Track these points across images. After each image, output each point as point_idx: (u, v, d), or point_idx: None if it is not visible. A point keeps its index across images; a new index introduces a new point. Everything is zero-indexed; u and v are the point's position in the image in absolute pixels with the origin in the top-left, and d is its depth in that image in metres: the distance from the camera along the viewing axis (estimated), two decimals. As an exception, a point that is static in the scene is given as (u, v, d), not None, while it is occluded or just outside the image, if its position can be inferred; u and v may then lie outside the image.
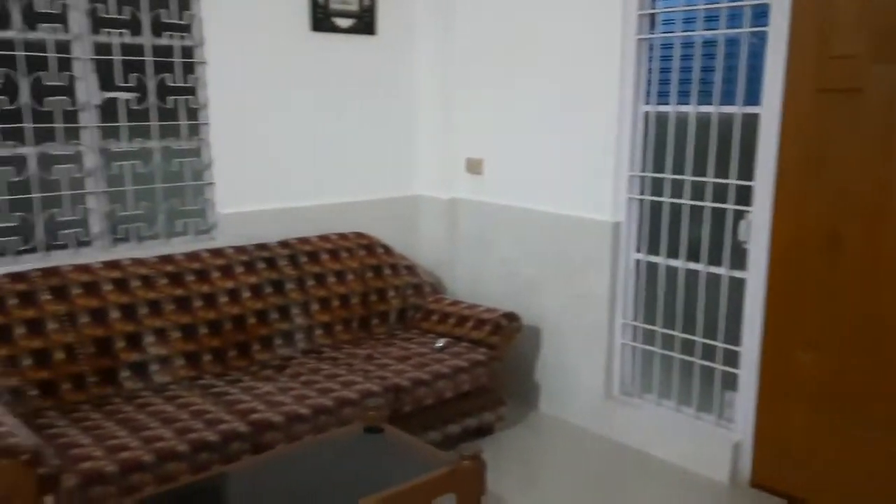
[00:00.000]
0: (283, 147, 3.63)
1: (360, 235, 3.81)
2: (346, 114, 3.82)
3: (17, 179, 2.92)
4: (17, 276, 2.81)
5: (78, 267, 2.94)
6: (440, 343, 3.43)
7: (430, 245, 4.13)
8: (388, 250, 3.84)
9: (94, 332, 2.84)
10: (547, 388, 3.75)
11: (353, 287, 3.61)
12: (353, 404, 2.87)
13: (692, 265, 3.19)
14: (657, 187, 3.28)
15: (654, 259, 3.34)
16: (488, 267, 3.94)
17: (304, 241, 3.61)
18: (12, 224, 2.93)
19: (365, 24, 3.78)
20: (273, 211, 3.61)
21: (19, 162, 2.93)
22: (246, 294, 3.28)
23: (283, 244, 3.54)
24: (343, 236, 3.75)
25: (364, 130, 3.90)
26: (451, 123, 4.00)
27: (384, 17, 3.85)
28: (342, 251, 3.67)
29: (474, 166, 3.94)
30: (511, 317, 3.47)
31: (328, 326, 3.50)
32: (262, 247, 3.46)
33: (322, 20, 3.63)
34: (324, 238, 3.68)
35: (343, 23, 3.71)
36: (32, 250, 3.00)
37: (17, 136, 2.91)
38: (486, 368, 3.34)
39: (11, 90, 2.88)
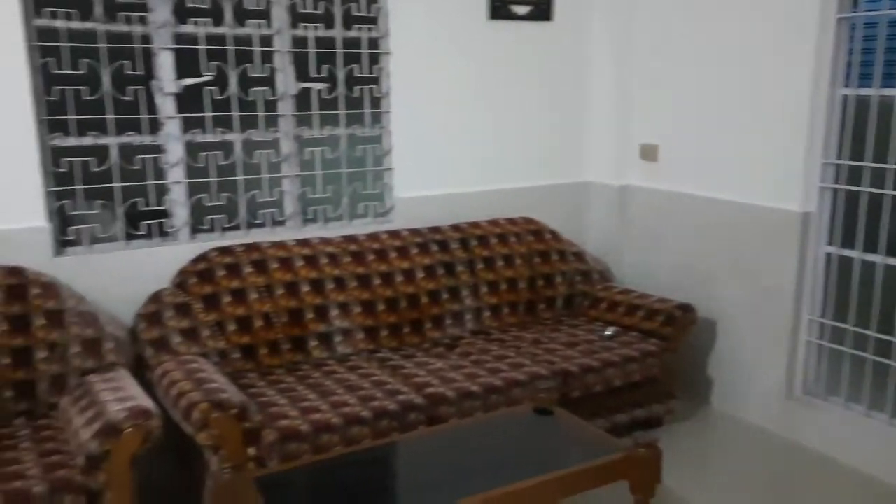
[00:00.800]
0: (458, 133, 3.73)
1: (528, 221, 3.85)
2: (520, 100, 3.86)
3: (224, 163, 3.23)
4: (224, 251, 3.12)
5: (275, 244, 3.21)
6: (609, 331, 3.40)
7: (599, 232, 4.09)
8: (556, 236, 3.85)
9: (288, 304, 3.09)
10: (721, 384, 3.61)
11: (521, 271, 3.66)
12: (521, 385, 2.93)
13: (892, 261, 2.94)
14: (854, 176, 3.05)
15: (847, 253, 3.11)
16: (660, 256, 3.84)
17: (474, 225, 3.70)
18: (220, 203, 3.25)
19: (541, 10, 3.80)
20: (446, 195, 3.73)
21: (227, 147, 3.23)
22: (420, 274, 3.42)
23: (455, 228, 3.65)
24: (512, 221, 3.81)
25: (537, 116, 3.93)
26: (626, 109, 3.92)
27: (561, 2, 3.85)
28: (511, 236, 3.73)
29: (649, 153, 3.85)
30: (686, 308, 3.37)
31: (496, 309, 3.57)
32: (435, 230, 3.60)
33: (499, 8, 3.68)
34: (493, 222, 3.76)
35: (520, 10, 3.74)
36: (236, 227, 3.30)
37: (226, 124, 3.21)
38: (657, 359, 3.27)
39: (222, 81, 3.18)
